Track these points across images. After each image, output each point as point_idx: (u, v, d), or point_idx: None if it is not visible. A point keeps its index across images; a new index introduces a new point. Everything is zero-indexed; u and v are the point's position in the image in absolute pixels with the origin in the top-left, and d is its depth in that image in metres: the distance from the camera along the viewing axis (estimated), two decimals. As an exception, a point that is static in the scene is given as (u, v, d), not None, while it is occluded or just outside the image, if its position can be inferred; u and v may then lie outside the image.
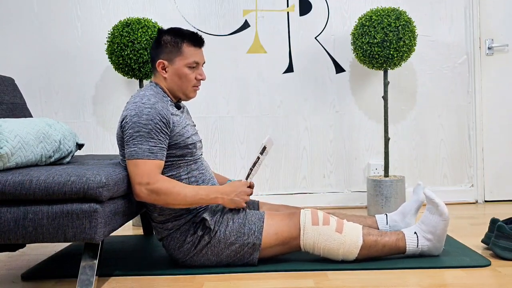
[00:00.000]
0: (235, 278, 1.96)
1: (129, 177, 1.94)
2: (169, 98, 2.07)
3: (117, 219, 1.90)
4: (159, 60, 2.07)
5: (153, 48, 2.11)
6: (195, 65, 2.08)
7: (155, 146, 1.92)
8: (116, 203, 1.89)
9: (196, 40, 2.08)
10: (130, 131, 1.92)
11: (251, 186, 2.10)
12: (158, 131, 1.93)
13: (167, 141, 1.97)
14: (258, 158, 2.19)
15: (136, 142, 1.91)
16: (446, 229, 2.06)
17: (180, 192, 1.93)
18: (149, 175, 1.90)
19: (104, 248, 2.31)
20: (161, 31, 2.10)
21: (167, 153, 1.99)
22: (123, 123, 1.96)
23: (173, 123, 1.99)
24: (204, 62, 2.13)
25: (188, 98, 2.13)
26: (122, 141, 2.01)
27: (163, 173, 1.99)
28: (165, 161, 1.99)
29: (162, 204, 1.95)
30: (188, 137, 2.04)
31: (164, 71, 2.07)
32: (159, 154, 1.93)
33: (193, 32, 2.09)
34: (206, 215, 2.02)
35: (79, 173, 1.78)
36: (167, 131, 1.96)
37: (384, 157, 3.15)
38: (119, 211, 1.91)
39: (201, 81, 2.12)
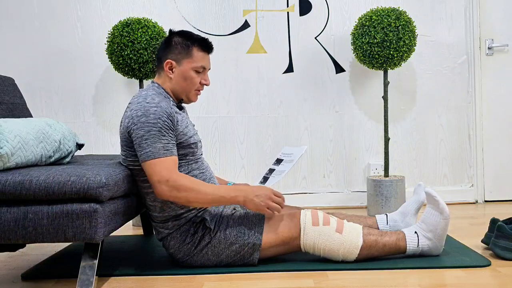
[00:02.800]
0: (235, 278, 1.96)
1: (148, 178, 1.93)
2: (171, 99, 2.08)
3: (117, 219, 1.90)
4: (167, 60, 2.07)
5: (161, 48, 2.11)
6: (202, 70, 2.10)
7: (168, 143, 1.93)
8: (116, 203, 1.90)
9: (206, 45, 2.10)
10: (140, 132, 1.92)
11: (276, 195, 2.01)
12: (167, 128, 1.94)
13: (175, 138, 1.98)
14: (271, 169, 2.24)
15: (149, 142, 1.90)
16: (447, 228, 2.06)
17: (200, 189, 1.92)
18: (168, 172, 1.90)
19: (104, 248, 2.31)
20: (172, 32, 2.12)
21: None
22: (129, 124, 1.95)
23: (177, 121, 2.00)
24: (209, 69, 2.15)
25: (189, 101, 2.14)
26: (127, 141, 2.00)
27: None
28: None
29: (183, 202, 1.94)
30: (191, 137, 2.05)
31: (170, 71, 2.08)
32: (173, 150, 1.95)
33: (203, 38, 2.11)
34: (206, 215, 2.02)
35: (79, 173, 1.78)
36: (174, 128, 1.97)
37: (384, 157, 3.15)
38: (119, 211, 1.91)
39: (205, 86, 2.14)
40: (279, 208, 1.98)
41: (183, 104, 2.22)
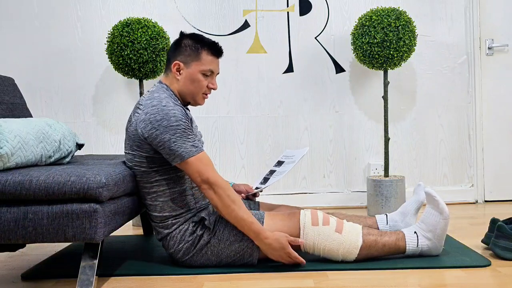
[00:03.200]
0: (235, 278, 1.96)
1: (190, 177, 1.97)
2: (179, 102, 2.08)
3: (117, 219, 1.90)
4: (176, 61, 2.07)
5: (171, 49, 2.12)
6: (210, 74, 2.10)
7: (194, 141, 1.97)
8: (116, 203, 1.90)
9: (216, 49, 2.10)
10: (166, 136, 1.92)
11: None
12: (189, 128, 1.97)
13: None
14: (272, 170, 2.25)
15: (179, 144, 1.92)
16: (446, 229, 2.06)
17: (232, 207, 1.94)
18: (207, 171, 1.94)
19: (104, 248, 2.31)
20: (182, 34, 2.12)
21: None
22: (149, 129, 1.94)
23: (191, 122, 2.04)
24: (218, 73, 2.15)
25: (196, 104, 2.14)
26: (139, 143, 1.99)
27: (169, 173, 2.01)
28: None
29: (211, 201, 1.97)
30: (199, 140, 2.08)
31: (178, 73, 2.08)
32: (200, 146, 1.99)
33: (214, 42, 2.11)
34: (204, 214, 2.02)
35: (79, 173, 1.78)
36: (192, 128, 2.01)
37: (384, 157, 3.15)
38: (119, 211, 1.91)
39: (212, 90, 2.14)
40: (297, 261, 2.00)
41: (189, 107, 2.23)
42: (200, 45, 2.08)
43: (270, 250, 1.96)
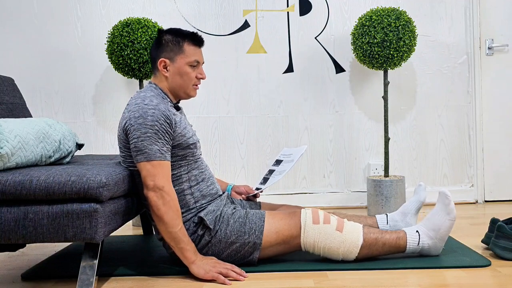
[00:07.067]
0: (235, 278, 1.96)
1: (143, 179, 1.93)
2: (169, 100, 2.08)
3: (117, 219, 1.90)
4: (161, 59, 2.07)
5: (153, 48, 2.12)
6: (196, 64, 2.10)
7: (163, 147, 1.93)
8: (116, 203, 1.90)
9: (196, 39, 2.11)
10: (137, 133, 1.92)
11: None
12: (164, 132, 1.94)
13: (171, 142, 1.98)
14: (271, 170, 2.25)
15: (146, 144, 1.91)
16: (450, 230, 2.07)
17: (174, 220, 1.91)
18: (164, 180, 1.91)
19: (104, 248, 2.31)
20: (161, 31, 2.12)
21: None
22: (126, 125, 1.96)
23: (175, 123, 1.99)
24: (203, 62, 2.15)
25: (188, 96, 2.14)
26: (125, 143, 2.00)
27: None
28: None
29: (155, 213, 1.93)
30: (190, 137, 2.05)
31: (165, 70, 2.08)
32: (167, 155, 1.95)
33: (193, 32, 2.12)
34: (202, 214, 2.02)
35: (79, 173, 1.78)
36: (171, 131, 1.97)
37: (384, 157, 3.15)
38: (119, 211, 1.91)
39: (201, 80, 2.14)
40: (227, 277, 1.93)
41: (180, 105, 2.22)
42: (181, 38, 2.08)
43: (203, 272, 1.92)
